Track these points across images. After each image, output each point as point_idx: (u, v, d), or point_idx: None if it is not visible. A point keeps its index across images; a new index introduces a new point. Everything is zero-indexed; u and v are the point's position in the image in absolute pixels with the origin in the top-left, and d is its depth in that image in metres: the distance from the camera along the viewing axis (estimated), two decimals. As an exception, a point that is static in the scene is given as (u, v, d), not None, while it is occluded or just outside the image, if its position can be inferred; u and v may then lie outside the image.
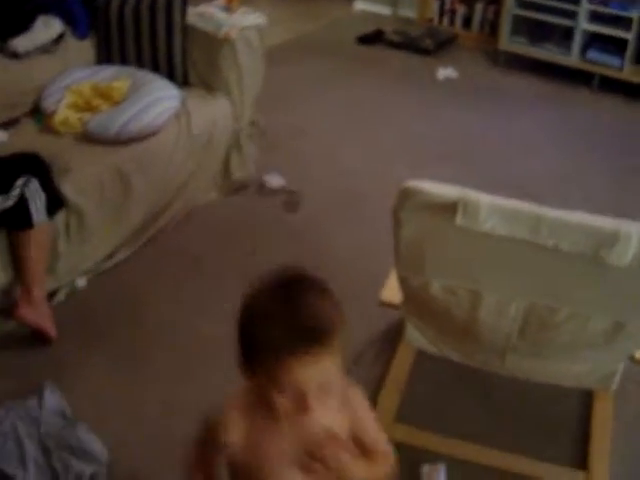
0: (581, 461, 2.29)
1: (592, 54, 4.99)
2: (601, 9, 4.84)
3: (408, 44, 5.59)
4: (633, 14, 4.72)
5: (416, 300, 1.95)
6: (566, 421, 2.45)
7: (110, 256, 3.05)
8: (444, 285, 1.79)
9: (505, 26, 5.25)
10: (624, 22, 4.77)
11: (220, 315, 2.74)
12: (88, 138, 3.01)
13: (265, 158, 3.82)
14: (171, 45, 3.45)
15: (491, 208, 1.54)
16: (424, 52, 5.51)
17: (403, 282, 1.88)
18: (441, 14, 5.97)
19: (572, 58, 5.06)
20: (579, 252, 1.54)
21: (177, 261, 3.14)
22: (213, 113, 3.40)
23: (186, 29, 3.45)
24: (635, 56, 4.92)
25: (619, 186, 3.95)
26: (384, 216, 3.44)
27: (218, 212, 3.50)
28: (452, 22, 5.93)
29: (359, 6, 6.54)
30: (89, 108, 3.13)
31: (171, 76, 3.42)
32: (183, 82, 3.45)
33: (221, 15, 3.43)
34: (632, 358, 1.99)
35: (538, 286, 1.72)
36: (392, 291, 2.08)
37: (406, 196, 1.61)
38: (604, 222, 1.52)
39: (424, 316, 2.03)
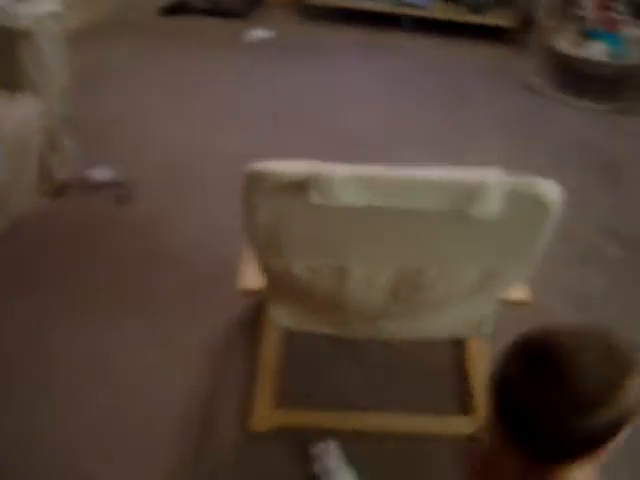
0: (469, 407, 2.30)
1: (402, -4, 5.02)
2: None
3: (215, 9, 5.38)
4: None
5: (279, 282, 1.84)
6: (445, 370, 2.45)
7: None
8: (307, 265, 1.69)
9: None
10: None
11: (71, 327, 2.54)
12: None
13: (88, 152, 3.54)
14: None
15: (345, 180, 1.44)
16: (233, 15, 5.33)
17: (263, 267, 1.77)
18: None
19: (381, 3, 5.07)
20: (442, 211, 1.48)
21: (6, 279, 2.86)
22: (19, 114, 3.09)
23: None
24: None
25: (450, 121, 4.02)
26: (225, 192, 3.33)
27: (46, 218, 3.21)
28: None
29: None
30: None
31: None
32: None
33: (11, 6, 3.11)
34: (502, 300, 1.99)
35: (405, 250, 1.66)
36: (250, 277, 1.95)
37: (254, 180, 1.48)
38: (463, 176, 1.46)
39: (289, 296, 1.92)
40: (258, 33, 5.04)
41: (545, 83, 4.46)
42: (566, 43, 4.42)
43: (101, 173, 3.48)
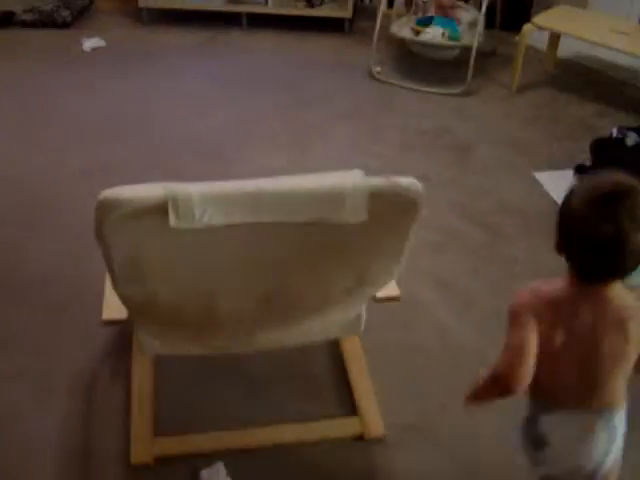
0: (352, 407, 2.29)
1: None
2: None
3: (44, 21, 5.09)
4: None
5: (144, 310, 1.74)
6: (323, 372, 2.43)
7: None
8: (173, 290, 1.60)
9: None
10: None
11: None
12: None
13: None
14: None
15: (204, 199, 1.36)
16: (63, 26, 5.07)
17: (125, 299, 1.66)
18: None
19: (216, 2, 4.98)
20: (307, 221, 1.43)
21: None
22: None
23: None
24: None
25: (292, 120, 3.99)
26: (77, 214, 3.18)
27: None
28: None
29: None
30: None
31: None
32: None
33: None
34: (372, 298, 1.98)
35: (275, 265, 1.60)
36: (112, 307, 1.84)
37: (106, 209, 1.38)
38: (323, 183, 1.42)
39: (156, 322, 1.83)
40: (91, 42, 4.82)
41: (389, 71, 4.52)
42: (405, 30, 4.50)
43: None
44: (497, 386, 1.45)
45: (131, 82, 4.35)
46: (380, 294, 1.92)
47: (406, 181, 1.50)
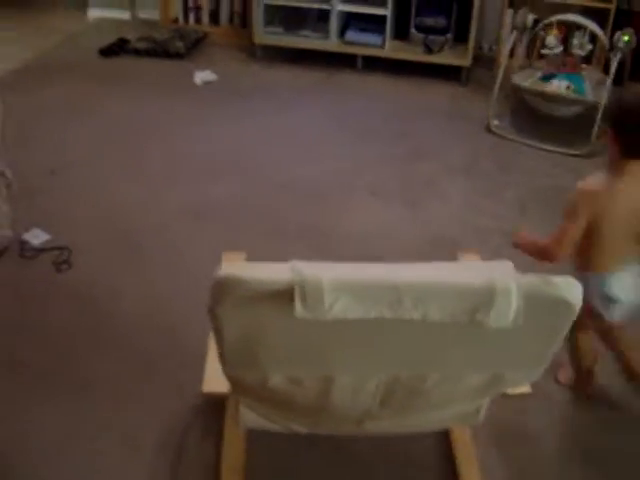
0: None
1: (351, 35, 4.83)
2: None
3: (157, 50, 5.11)
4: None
5: (250, 392, 1.57)
6: (429, 458, 2.20)
7: None
8: (286, 376, 1.43)
9: (258, 17, 4.94)
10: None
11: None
12: None
13: (21, 212, 3.23)
14: None
15: (336, 288, 1.19)
16: (176, 56, 5.07)
17: (232, 379, 1.50)
18: (186, 12, 5.55)
19: (331, 42, 4.87)
20: (451, 319, 1.24)
21: None
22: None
23: None
24: (394, 32, 4.83)
25: (403, 171, 3.81)
26: (176, 262, 3.08)
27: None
28: (199, 20, 5.53)
29: (94, 14, 5.93)
30: None
31: None
32: None
33: None
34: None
35: (403, 358, 1.41)
36: (214, 379, 1.68)
37: (225, 289, 1.22)
38: (476, 279, 1.22)
39: (262, 404, 1.66)
40: (203, 75, 4.78)
41: (506, 125, 4.30)
42: (528, 81, 4.28)
43: (38, 236, 3.17)
44: (540, 251, 2.01)
45: (240, 119, 4.27)
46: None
47: (564, 282, 1.29)
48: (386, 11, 4.66)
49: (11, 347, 2.57)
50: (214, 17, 5.48)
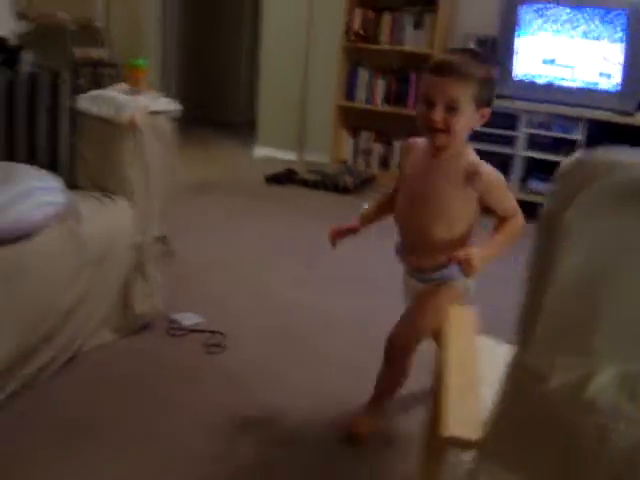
0: None
1: (534, 183, 4.49)
2: (544, 133, 4.41)
3: (325, 183, 4.94)
4: (576, 136, 4.30)
5: (522, 424, 1.06)
6: None
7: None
8: (624, 374, 0.91)
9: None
10: (566, 146, 4.33)
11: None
12: None
13: (174, 290, 2.91)
14: (55, 137, 2.61)
15: None
16: (344, 191, 4.87)
17: (527, 381, 0.99)
18: (355, 155, 5.42)
19: (512, 189, 4.53)
20: None
21: (52, 425, 2.10)
22: (111, 218, 2.51)
23: (75, 116, 2.62)
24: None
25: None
26: (337, 353, 2.65)
27: (114, 359, 2.51)
28: (368, 163, 5.38)
29: (260, 152, 5.92)
30: None
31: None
32: (70, 186, 2.55)
33: (123, 97, 2.63)
34: None
35: None
36: (461, 419, 1.18)
37: (587, 179, 0.77)
38: None
39: (521, 454, 1.12)
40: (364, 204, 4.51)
41: None
42: None
43: (189, 318, 2.81)
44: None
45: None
46: None
47: None
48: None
49: (154, 421, 2.15)
50: (384, 162, 5.32)
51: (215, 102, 7.11)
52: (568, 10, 4.33)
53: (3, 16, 3.26)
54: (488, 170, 1.90)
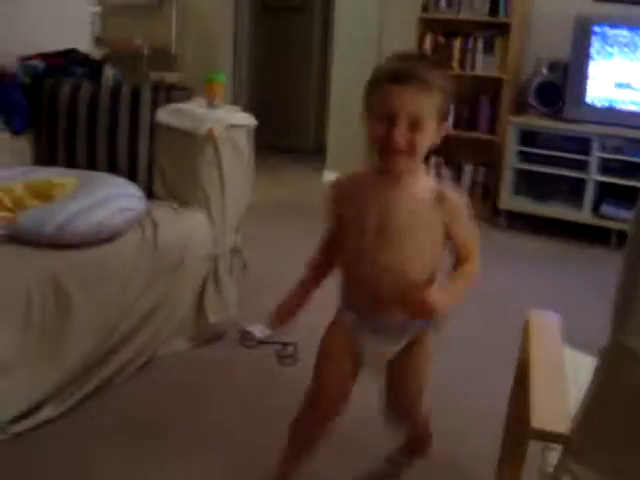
0: None
1: (607, 209, 4.40)
2: (617, 157, 4.33)
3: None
4: (652, 160, 4.22)
5: (618, 412, 1.03)
6: None
7: (28, 413, 2.04)
8: None
9: (506, 183, 4.67)
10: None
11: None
12: (17, 238, 2.11)
13: (247, 301, 2.94)
14: (135, 148, 2.69)
15: None
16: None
17: (625, 362, 0.96)
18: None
19: (584, 214, 4.46)
20: None
21: (127, 430, 2.13)
22: (187, 228, 2.56)
23: (155, 129, 2.69)
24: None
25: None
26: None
27: (187, 365, 2.55)
28: (437, 189, 5.36)
29: (330, 176, 5.96)
30: (20, 208, 2.26)
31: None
32: (148, 196, 2.62)
33: (202, 110, 2.69)
34: None
35: None
36: (548, 412, 1.15)
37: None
38: None
39: (614, 450, 1.09)
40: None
41: None
42: None
43: (260, 330, 2.83)
44: None
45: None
46: None
47: None
48: (650, 186, 4.23)
49: (231, 426, 2.17)
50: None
51: (285, 128, 7.19)
52: (643, 33, 4.27)
53: (82, 41, 3.38)
54: (456, 194, 1.60)
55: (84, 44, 3.32)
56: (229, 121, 2.66)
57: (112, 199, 2.28)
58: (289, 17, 6.81)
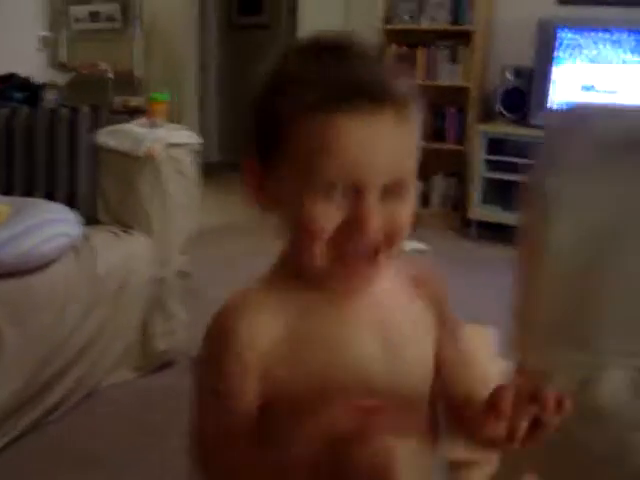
0: None
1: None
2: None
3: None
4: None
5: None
6: None
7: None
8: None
9: (475, 193, 4.59)
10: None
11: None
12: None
13: (197, 327, 2.82)
14: (75, 173, 2.59)
15: None
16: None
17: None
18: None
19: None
20: None
21: (68, 465, 2.03)
22: (128, 252, 2.46)
23: (95, 150, 2.60)
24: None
25: None
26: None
27: (132, 397, 2.44)
28: (408, 201, 5.27)
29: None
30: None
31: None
32: (90, 220, 2.52)
33: (142, 130, 2.61)
34: None
35: None
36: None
37: (571, 130, 0.67)
38: None
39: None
40: (413, 245, 4.41)
41: None
42: None
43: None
44: None
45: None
46: None
47: None
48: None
49: (181, 455, 2.07)
50: (424, 199, 5.21)
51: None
52: (607, 35, 4.22)
53: (41, 67, 3.31)
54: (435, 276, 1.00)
55: (29, 68, 3.23)
56: (169, 140, 2.57)
57: (44, 225, 2.18)
58: (255, 35, 6.75)
